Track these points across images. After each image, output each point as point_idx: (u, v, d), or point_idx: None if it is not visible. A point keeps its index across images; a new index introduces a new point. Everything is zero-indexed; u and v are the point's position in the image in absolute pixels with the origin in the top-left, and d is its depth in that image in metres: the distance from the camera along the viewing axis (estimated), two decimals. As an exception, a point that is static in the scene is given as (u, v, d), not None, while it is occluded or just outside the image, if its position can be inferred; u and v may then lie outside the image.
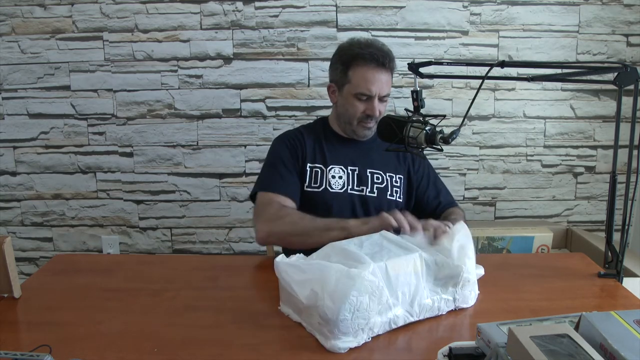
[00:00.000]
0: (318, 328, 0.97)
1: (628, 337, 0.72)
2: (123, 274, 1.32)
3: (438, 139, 1.20)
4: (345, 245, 1.10)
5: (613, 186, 1.26)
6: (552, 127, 2.35)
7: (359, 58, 1.48)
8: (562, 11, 2.25)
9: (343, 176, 1.54)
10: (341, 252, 1.07)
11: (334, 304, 0.93)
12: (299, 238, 1.37)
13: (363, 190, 1.54)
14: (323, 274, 0.98)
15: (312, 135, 1.60)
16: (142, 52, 2.26)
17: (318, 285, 0.97)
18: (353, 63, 1.49)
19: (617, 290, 1.22)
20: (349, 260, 1.03)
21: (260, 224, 1.43)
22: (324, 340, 0.96)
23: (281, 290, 1.09)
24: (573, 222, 2.44)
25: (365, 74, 1.47)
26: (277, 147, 1.58)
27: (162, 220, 2.42)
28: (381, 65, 1.46)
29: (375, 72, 1.47)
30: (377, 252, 1.07)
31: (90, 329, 1.03)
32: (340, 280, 0.95)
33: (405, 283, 1.03)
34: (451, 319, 1.10)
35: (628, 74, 1.17)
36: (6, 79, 2.29)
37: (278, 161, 1.54)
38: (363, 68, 1.47)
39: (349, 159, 1.56)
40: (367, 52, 1.47)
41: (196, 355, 0.94)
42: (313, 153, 1.56)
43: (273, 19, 2.24)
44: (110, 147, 2.35)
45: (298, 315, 1.04)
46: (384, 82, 1.48)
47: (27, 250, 2.45)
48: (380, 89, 1.48)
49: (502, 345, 0.72)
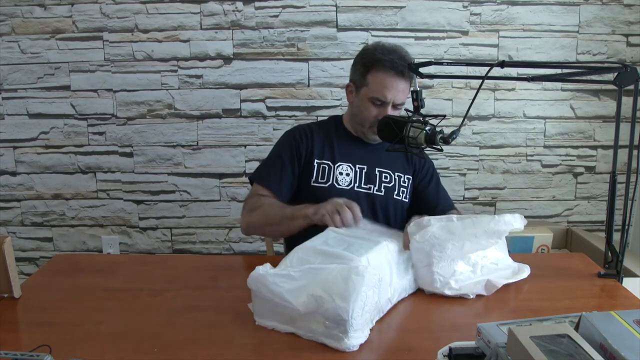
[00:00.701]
0: (325, 332, 0.96)
1: (628, 337, 0.72)
2: (123, 274, 1.32)
3: (438, 139, 1.20)
4: (317, 246, 1.10)
5: (613, 186, 1.26)
6: (552, 127, 2.35)
7: (379, 63, 1.48)
8: (562, 11, 2.25)
9: (350, 173, 1.55)
10: (321, 253, 1.07)
11: (347, 303, 0.93)
12: (272, 228, 1.47)
13: (370, 189, 1.55)
14: (321, 276, 0.98)
15: (323, 132, 1.61)
16: (142, 52, 2.26)
17: (318, 289, 0.96)
18: (373, 67, 1.49)
19: (617, 290, 1.22)
20: (337, 259, 1.04)
21: (242, 216, 1.53)
22: (335, 343, 0.95)
23: (259, 304, 1.04)
24: (573, 222, 2.44)
25: (383, 80, 1.48)
26: (282, 140, 1.62)
27: (162, 220, 2.42)
28: (400, 73, 1.46)
29: (393, 79, 1.47)
30: (349, 247, 1.10)
31: (90, 329, 1.03)
32: (350, 278, 0.95)
33: (383, 272, 1.07)
34: (451, 319, 1.10)
35: (628, 74, 1.17)
36: (6, 79, 2.29)
37: (276, 154, 1.58)
38: (382, 74, 1.48)
39: (358, 157, 1.57)
40: (388, 59, 1.47)
41: (196, 355, 0.94)
42: (321, 149, 1.57)
43: (273, 19, 2.24)
44: (110, 147, 2.35)
45: (289, 325, 1.01)
46: (400, 90, 1.48)
47: (27, 250, 2.45)
48: (395, 97, 1.48)
49: (502, 345, 0.72)
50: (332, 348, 0.95)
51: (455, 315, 1.11)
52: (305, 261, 1.06)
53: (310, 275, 0.99)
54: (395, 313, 1.10)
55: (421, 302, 1.16)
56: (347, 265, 0.99)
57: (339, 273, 0.97)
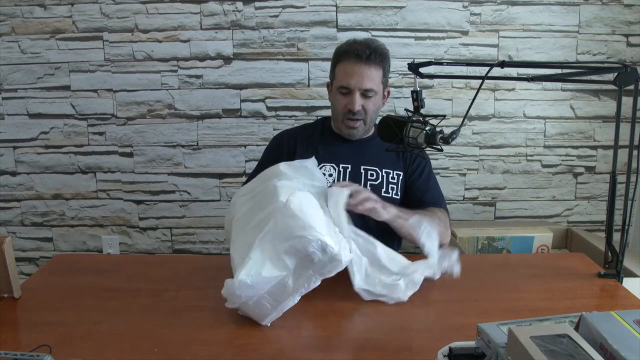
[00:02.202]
0: (320, 264, 1.03)
1: (628, 337, 0.72)
2: (123, 274, 1.32)
3: (438, 139, 1.20)
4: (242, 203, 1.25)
5: (613, 186, 1.26)
6: (552, 127, 2.35)
7: (344, 54, 1.51)
8: (562, 11, 2.25)
9: (334, 174, 1.54)
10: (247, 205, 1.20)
11: (306, 229, 1.01)
12: None
13: None
14: (270, 236, 1.05)
15: (307, 134, 1.63)
16: (142, 52, 2.26)
17: (280, 245, 1.03)
18: (339, 59, 1.52)
19: (617, 290, 1.22)
20: (264, 208, 1.14)
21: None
22: (334, 266, 1.04)
23: (254, 309, 1.05)
24: (573, 222, 2.44)
25: (346, 67, 1.49)
26: (267, 147, 1.69)
27: (162, 220, 2.42)
28: (362, 60, 1.46)
29: (355, 66, 1.47)
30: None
31: (90, 329, 1.03)
32: (291, 216, 1.04)
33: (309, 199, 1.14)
34: (451, 319, 1.10)
35: (628, 74, 1.17)
36: (6, 79, 2.29)
37: (261, 161, 1.64)
38: (345, 62, 1.50)
39: (342, 157, 1.57)
40: (352, 48, 1.49)
41: (196, 355, 0.94)
42: (304, 151, 1.57)
43: (273, 19, 2.24)
44: (110, 147, 2.35)
45: (291, 294, 1.05)
46: (365, 76, 1.47)
47: (27, 250, 2.45)
48: (359, 83, 1.47)
49: (502, 346, 0.72)
50: (331, 344, 0.95)
51: (455, 315, 1.11)
52: (240, 226, 1.16)
53: (265, 244, 1.04)
54: (396, 313, 1.10)
55: (421, 302, 1.16)
56: (277, 207, 1.07)
57: (277, 222, 1.03)
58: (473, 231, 2.11)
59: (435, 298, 1.19)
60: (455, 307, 1.15)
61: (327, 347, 0.96)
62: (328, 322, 1.07)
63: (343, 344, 1.00)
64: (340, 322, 1.07)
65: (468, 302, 1.16)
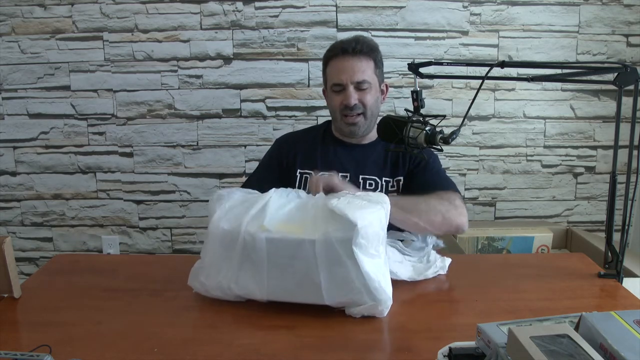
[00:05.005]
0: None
1: (628, 337, 0.72)
2: (123, 274, 1.32)
3: (438, 139, 1.20)
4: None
5: (613, 186, 1.26)
6: (552, 127, 2.35)
7: (331, 53, 1.51)
8: (562, 11, 2.25)
9: None
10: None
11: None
12: None
13: None
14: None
15: (309, 140, 1.60)
16: (142, 52, 2.26)
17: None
18: (328, 60, 1.52)
19: (617, 290, 1.22)
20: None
21: None
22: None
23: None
24: (573, 223, 2.44)
25: (335, 65, 1.49)
26: (270, 150, 1.65)
27: (162, 220, 2.42)
28: (349, 53, 1.46)
29: (343, 61, 1.47)
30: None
31: (90, 329, 1.03)
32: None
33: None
34: (451, 319, 1.10)
35: (628, 74, 1.17)
36: (6, 79, 2.29)
37: (262, 163, 1.63)
38: (334, 60, 1.50)
39: (341, 165, 1.53)
40: (338, 46, 1.49)
41: (196, 355, 0.94)
42: (304, 158, 1.55)
43: (273, 19, 2.24)
44: (110, 147, 2.35)
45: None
46: (355, 68, 1.46)
47: (27, 250, 2.45)
48: (350, 76, 1.46)
49: (502, 346, 0.72)
50: (331, 344, 0.95)
51: (455, 315, 1.11)
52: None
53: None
54: (396, 313, 1.10)
55: (421, 302, 1.16)
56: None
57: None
58: (473, 231, 2.11)
59: (435, 298, 1.19)
60: (455, 307, 1.15)
61: (327, 347, 0.96)
62: (328, 322, 1.06)
63: (343, 344, 1.00)
64: (340, 322, 1.07)
65: (468, 302, 1.16)
